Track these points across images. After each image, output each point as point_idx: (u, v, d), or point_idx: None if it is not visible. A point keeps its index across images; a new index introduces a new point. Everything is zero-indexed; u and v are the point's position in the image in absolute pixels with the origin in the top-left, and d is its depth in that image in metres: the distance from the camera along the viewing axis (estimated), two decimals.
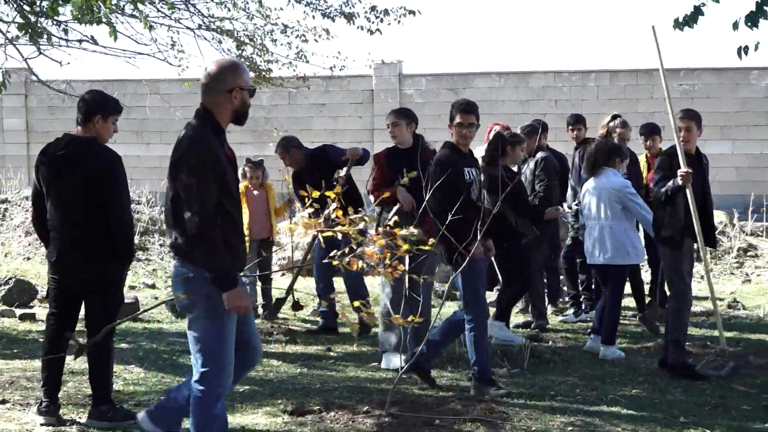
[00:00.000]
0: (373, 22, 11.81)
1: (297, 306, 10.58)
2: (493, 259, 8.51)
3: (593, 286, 10.28)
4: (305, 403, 6.81)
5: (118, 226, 6.26)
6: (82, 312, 6.54)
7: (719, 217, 14.48)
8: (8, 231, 15.90)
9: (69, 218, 6.28)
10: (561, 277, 11.23)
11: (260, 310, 10.39)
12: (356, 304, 6.25)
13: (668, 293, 8.13)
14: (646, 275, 11.06)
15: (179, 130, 4.97)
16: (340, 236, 5.70)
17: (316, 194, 5.69)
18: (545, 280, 10.46)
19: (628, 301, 10.02)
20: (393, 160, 8.10)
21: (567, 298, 11.01)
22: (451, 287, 8.06)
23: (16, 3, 8.81)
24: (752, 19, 6.16)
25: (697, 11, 6.31)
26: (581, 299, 10.49)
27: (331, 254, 5.76)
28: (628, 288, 9.38)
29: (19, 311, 10.48)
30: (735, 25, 6.18)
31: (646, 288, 10.59)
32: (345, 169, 9.33)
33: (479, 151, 10.89)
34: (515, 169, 9.51)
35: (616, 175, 8.47)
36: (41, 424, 6.25)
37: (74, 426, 6.27)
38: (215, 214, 4.74)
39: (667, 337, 8.01)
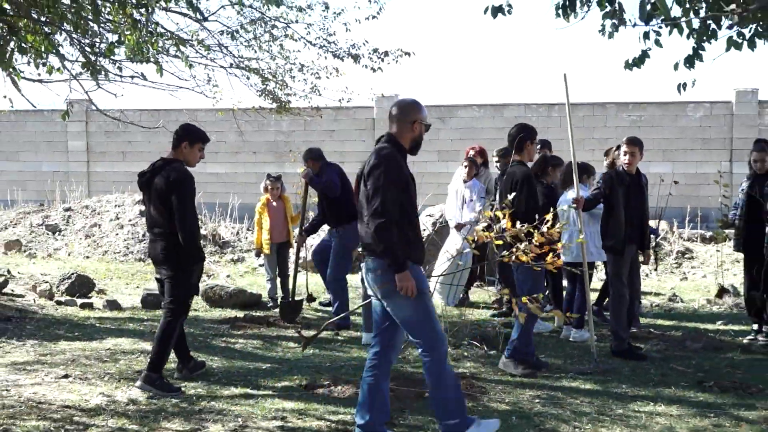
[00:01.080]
0: (375, 62, 11.85)
1: (311, 298, 10.67)
2: None
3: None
4: (317, 379, 6.82)
5: (182, 229, 6.47)
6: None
7: (662, 225, 14.52)
8: (71, 234, 15.90)
9: (152, 221, 6.70)
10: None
11: (279, 300, 10.38)
12: (524, 299, 6.26)
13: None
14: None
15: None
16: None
17: (488, 214, 6.40)
18: None
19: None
20: None
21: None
22: None
23: (80, 45, 8.83)
24: (689, 61, 6.18)
25: (644, 54, 6.32)
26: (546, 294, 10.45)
27: (503, 253, 6.27)
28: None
29: (79, 301, 10.49)
30: (675, 66, 6.19)
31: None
32: (302, 187, 9.69)
33: (459, 171, 10.90)
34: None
35: (583, 189, 8.44)
36: (176, 377, 6.82)
37: (126, 397, 6.27)
38: (395, 213, 5.05)
39: (610, 330, 8.04)
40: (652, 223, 9.13)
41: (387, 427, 5.41)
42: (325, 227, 9.91)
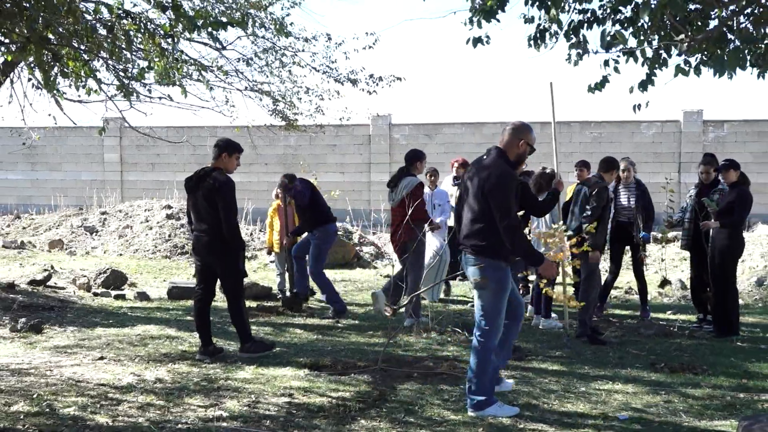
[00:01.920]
0: (371, 86, 11.86)
1: (312, 292, 10.67)
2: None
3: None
4: (320, 361, 6.80)
5: (226, 227, 6.77)
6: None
7: None
8: (106, 234, 15.87)
9: (199, 218, 6.94)
10: None
11: (288, 291, 10.37)
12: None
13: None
14: None
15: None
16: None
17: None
18: None
19: None
20: None
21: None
22: None
23: (115, 70, 8.83)
24: (643, 85, 6.18)
25: (604, 80, 6.33)
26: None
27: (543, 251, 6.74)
28: None
29: (113, 292, 10.48)
30: (631, 90, 6.19)
31: None
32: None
33: (447, 180, 10.89)
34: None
35: (541, 195, 8.42)
36: (199, 357, 6.93)
37: (153, 376, 6.25)
38: (515, 219, 5.21)
39: (578, 318, 8.04)
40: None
41: (381, 402, 5.42)
42: None
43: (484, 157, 5.46)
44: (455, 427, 5.05)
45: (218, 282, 7.12)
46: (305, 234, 9.71)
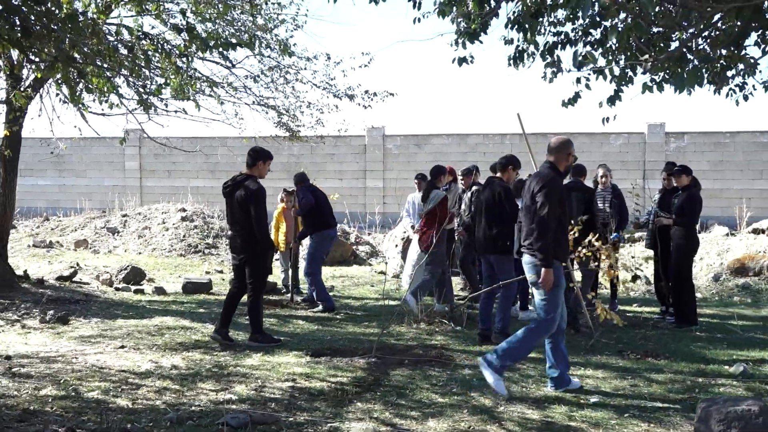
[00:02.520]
0: (366, 101, 11.84)
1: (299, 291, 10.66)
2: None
3: None
4: (320, 349, 6.80)
5: (257, 227, 6.85)
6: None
7: None
8: (127, 235, 15.82)
9: (234, 220, 7.03)
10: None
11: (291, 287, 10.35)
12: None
13: None
14: None
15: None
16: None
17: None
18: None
19: None
20: None
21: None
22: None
23: (134, 86, 8.81)
24: (611, 101, 6.20)
25: (576, 95, 6.34)
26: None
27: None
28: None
29: (133, 287, 10.44)
30: (600, 104, 6.21)
31: None
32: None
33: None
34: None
35: (520, 201, 8.43)
36: (213, 335, 7.09)
37: (169, 363, 6.24)
38: (553, 222, 5.31)
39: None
40: None
41: (375, 386, 5.41)
42: None
43: (538, 170, 5.66)
44: (442, 409, 5.05)
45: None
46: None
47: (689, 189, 8.22)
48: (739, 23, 5.21)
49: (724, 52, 5.89)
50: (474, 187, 9.86)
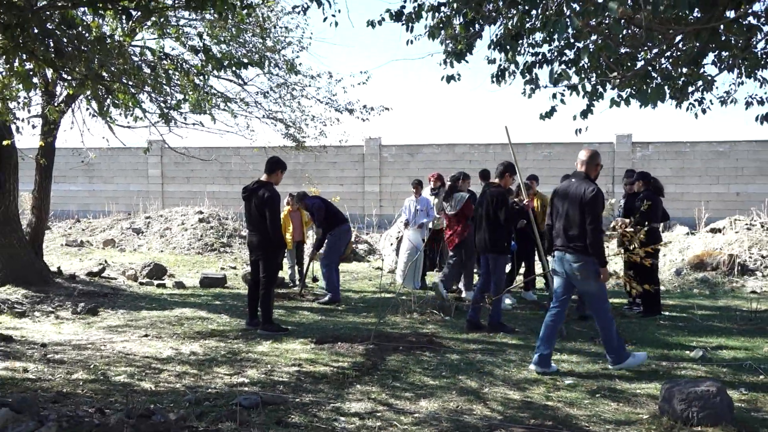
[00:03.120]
0: (364, 114, 11.82)
1: (314, 279, 10.65)
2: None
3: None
4: (323, 337, 6.79)
5: (272, 228, 6.95)
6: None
7: None
8: (150, 235, 15.79)
9: (251, 222, 7.07)
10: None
11: (297, 281, 10.35)
12: (647, 286, 7.06)
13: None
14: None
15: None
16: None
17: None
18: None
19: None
20: None
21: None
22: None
23: (156, 101, 8.82)
24: (584, 114, 6.19)
25: (553, 109, 6.33)
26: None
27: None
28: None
29: (156, 282, 10.44)
30: (574, 117, 6.21)
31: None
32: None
33: (426, 191, 10.88)
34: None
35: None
36: (246, 326, 7.20)
37: (188, 350, 6.23)
38: (602, 228, 5.50)
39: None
40: None
41: (373, 370, 5.40)
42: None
43: (572, 180, 5.77)
44: (433, 390, 5.04)
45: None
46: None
47: (647, 192, 8.24)
48: (697, 44, 5.22)
49: (684, 70, 5.90)
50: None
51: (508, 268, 8.95)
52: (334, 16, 6.21)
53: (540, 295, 9.64)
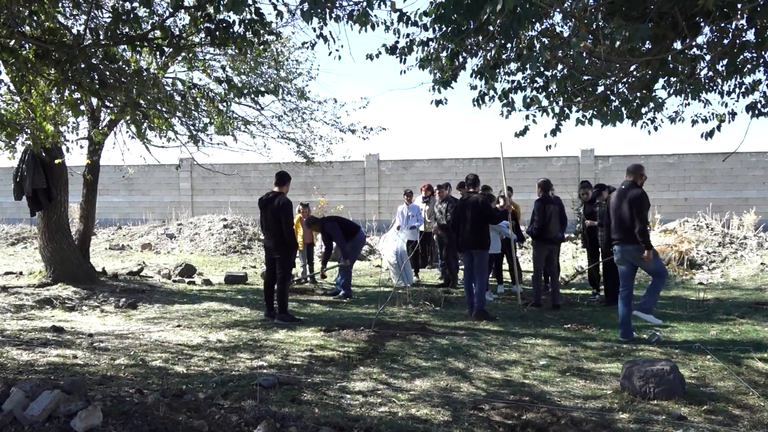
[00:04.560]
0: (364, 134, 11.81)
1: (323, 275, 10.63)
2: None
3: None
4: (331, 326, 6.77)
5: (286, 231, 6.96)
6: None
7: None
8: (181, 239, 15.77)
9: (268, 227, 7.09)
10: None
11: (308, 278, 10.32)
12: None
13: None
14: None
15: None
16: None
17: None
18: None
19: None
20: None
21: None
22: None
23: (186, 124, 8.82)
24: (553, 132, 6.18)
25: (526, 128, 6.32)
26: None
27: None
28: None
29: (186, 279, 10.40)
30: (545, 135, 6.20)
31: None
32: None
33: (419, 199, 10.87)
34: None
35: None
36: (264, 317, 7.15)
37: (215, 338, 6.20)
38: (647, 223, 5.91)
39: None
40: None
41: (374, 354, 5.38)
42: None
43: (623, 186, 6.10)
44: (426, 371, 5.03)
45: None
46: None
47: (608, 200, 8.23)
48: (649, 72, 5.24)
49: (638, 94, 5.91)
50: (445, 203, 9.86)
51: (507, 267, 8.97)
52: (337, 50, 6.20)
53: (507, 288, 9.63)
